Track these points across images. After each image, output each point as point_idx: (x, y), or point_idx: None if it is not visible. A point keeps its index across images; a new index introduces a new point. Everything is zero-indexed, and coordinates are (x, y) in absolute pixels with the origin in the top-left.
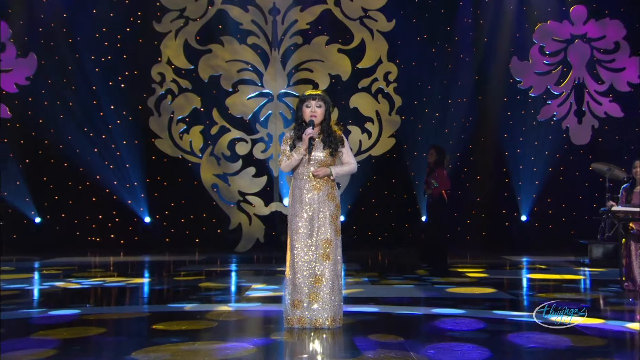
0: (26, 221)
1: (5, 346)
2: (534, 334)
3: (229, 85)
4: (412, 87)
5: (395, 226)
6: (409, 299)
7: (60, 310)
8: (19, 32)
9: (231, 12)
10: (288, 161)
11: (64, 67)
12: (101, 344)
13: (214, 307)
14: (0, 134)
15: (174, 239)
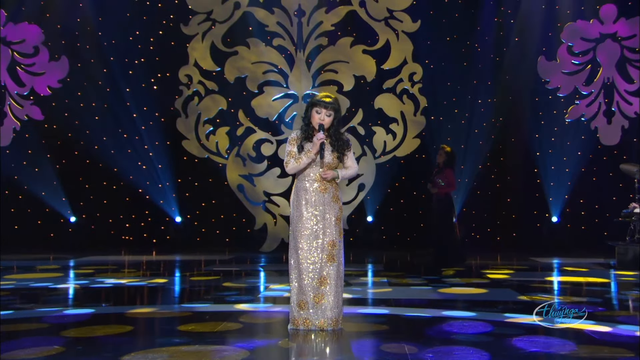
0: (62, 220)
1: (8, 345)
2: (540, 338)
3: (254, 87)
4: (440, 87)
5: (425, 227)
6: (423, 301)
7: (75, 310)
8: (53, 36)
9: (257, 14)
10: (296, 164)
11: (99, 70)
12: (103, 344)
13: (226, 308)
14: (33, 135)
15: (205, 239)
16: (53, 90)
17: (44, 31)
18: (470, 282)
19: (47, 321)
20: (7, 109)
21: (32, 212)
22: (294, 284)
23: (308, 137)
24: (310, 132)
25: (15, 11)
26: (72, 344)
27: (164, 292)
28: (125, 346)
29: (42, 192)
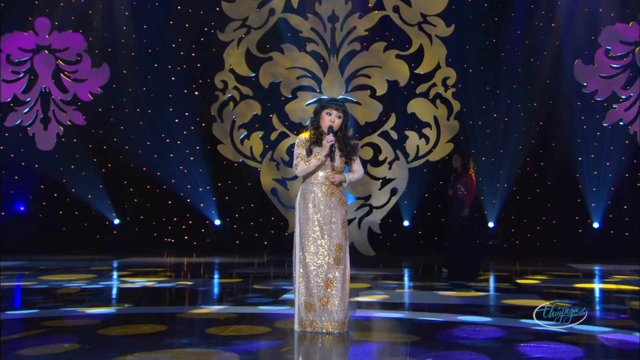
0: (107, 222)
1: (24, 342)
2: (549, 344)
3: (288, 92)
4: (478, 92)
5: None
6: (441, 306)
7: (97, 310)
8: (97, 43)
9: (291, 21)
10: (306, 166)
11: (142, 76)
12: (112, 344)
13: (242, 310)
14: (76, 140)
15: (244, 241)
16: (94, 96)
17: (87, 39)
18: (497, 287)
19: (67, 320)
20: (51, 115)
21: (79, 214)
22: (301, 286)
23: (317, 141)
24: (319, 136)
25: (59, 19)
26: (83, 343)
27: (190, 293)
28: (133, 346)
29: (88, 195)
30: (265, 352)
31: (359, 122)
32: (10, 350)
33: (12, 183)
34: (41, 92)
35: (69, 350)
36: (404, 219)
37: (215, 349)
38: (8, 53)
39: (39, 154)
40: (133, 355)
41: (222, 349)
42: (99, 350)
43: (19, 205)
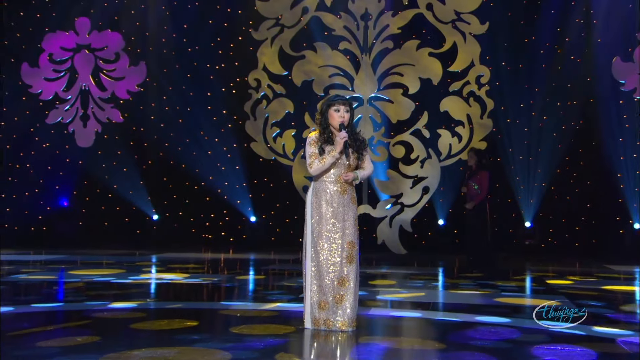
0: (147, 218)
1: (37, 336)
2: (563, 347)
3: (320, 90)
4: (516, 90)
5: (499, 231)
6: (463, 306)
7: (121, 304)
8: (134, 42)
9: (324, 19)
10: (320, 164)
11: (183, 75)
12: (124, 337)
13: (258, 306)
14: (115, 137)
15: (279, 238)
16: (132, 94)
17: (125, 38)
18: (525, 288)
19: (87, 315)
20: (90, 112)
21: (120, 210)
22: (313, 284)
23: (328, 140)
24: (329, 135)
25: (99, 19)
26: (96, 336)
27: (216, 289)
28: (143, 340)
29: (129, 191)
30: (269, 351)
31: (390, 120)
32: (30, 342)
33: (57, 179)
34: (81, 90)
35: (81, 343)
36: (438, 218)
37: (221, 346)
38: (50, 52)
39: (81, 151)
40: (141, 350)
41: (228, 346)
42: (110, 344)
43: (63, 200)
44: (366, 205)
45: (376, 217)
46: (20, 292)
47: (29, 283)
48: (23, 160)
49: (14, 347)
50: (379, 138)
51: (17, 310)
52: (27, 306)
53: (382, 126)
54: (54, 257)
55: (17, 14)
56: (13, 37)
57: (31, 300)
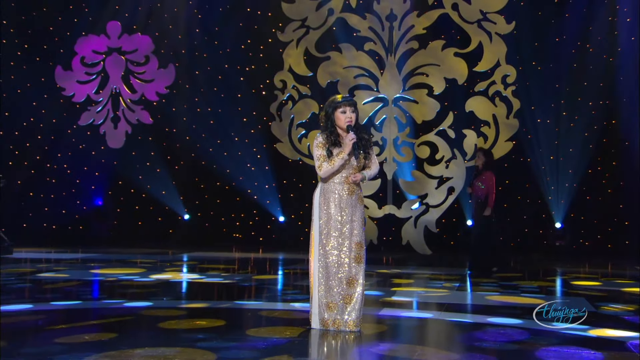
0: (180, 218)
1: (45, 334)
2: (570, 349)
3: (345, 91)
4: (546, 89)
5: (529, 232)
6: (479, 307)
7: (135, 302)
8: (163, 45)
9: (349, 20)
10: (330, 167)
11: (214, 77)
12: (129, 337)
13: (273, 306)
14: (145, 138)
15: (308, 238)
16: (160, 96)
17: (154, 41)
18: (547, 289)
19: (102, 313)
20: (121, 114)
21: (153, 209)
22: (321, 285)
23: (335, 142)
24: (336, 137)
25: (129, 22)
26: (103, 334)
27: (235, 288)
28: (147, 339)
29: (162, 192)
30: (276, 349)
31: (415, 121)
32: (34, 339)
33: (93, 179)
34: (112, 92)
35: (87, 341)
36: (467, 218)
37: (223, 346)
38: (82, 55)
39: (115, 152)
40: (143, 349)
41: (231, 346)
42: (114, 342)
43: (97, 200)
44: (391, 205)
45: (401, 218)
46: (44, 290)
47: (55, 281)
48: (60, 161)
49: (17, 344)
50: (404, 138)
51: (35, 308)
52: (46, 304)
53: (407, 126)
54: (88, 255)
55: (52, 19)
56: (48, 41)
57: (53, 298)
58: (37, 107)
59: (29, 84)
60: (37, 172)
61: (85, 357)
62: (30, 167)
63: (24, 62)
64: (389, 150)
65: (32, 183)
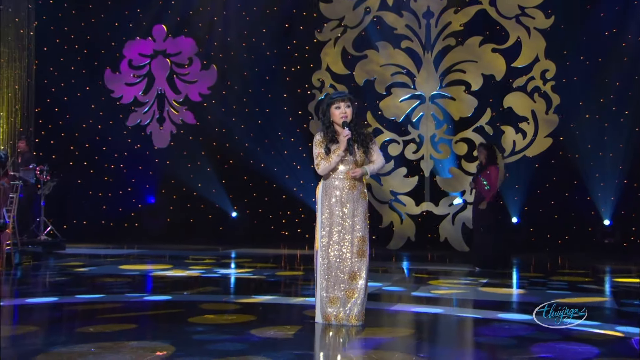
0: (229, 215)
1: (54, 327)
2: (568, 345)
3: (382, 89)
4: (595, 84)
5: (577, 229)
6: (496, 303)
7: (157, 296)
8: (208, 46)
9: (386, 19)
10: (327, 164)
11: (262, 77)
12: (132, 331)
13: (285, 300)
14: (190, 138)
15: None
16: (203, 97)
17: (198, 43)
18: (577, 287)
19: (119, 306)
20: (166, 115)
21: (204, 207)
22: (324, 280)
23: (332, 139)
24: (333, 133)
25: (173, 26)
26: (107, 327)
27: (260, 283)
28: (146, 332)
29: (212, 190)
30: (265, 344)
31: (453, 118)
32: (41, 333)
33: (147, 178)
34: (157, 93)
35: (91, 332)
36: (512, 216)
37: (219, 338)
38: (130, 58)
39: (167, 152)
40: (138, 341)
41: (226, 339)
42: (115, 336)
43: (150, 198)
44: (428, 202)
45: (439, 215)
46: (75, 284)
47: (90, 275)
48: (117, 160)
49: (20, 338)
50: (441, 135)
51: (60, 301)
52: (71, 297)
53: (444, 123)
54: (137, 251)
55: (107, 24)
56: (103, 46)
57: (79, 292)
58: (95, 109)
59: (88, 87)
60: (95, 172)
61: (77, 347)
62: (89, 166)
63: (83, 66)
64: (426, 147)
65: (91, 182)
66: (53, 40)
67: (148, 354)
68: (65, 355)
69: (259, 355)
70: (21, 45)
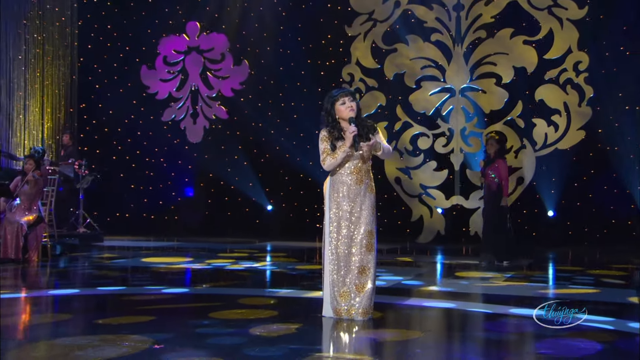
0: (265, 208)
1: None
2: (568, 340)
3: (412, 82)
4: (636, 75)
5: (616, 223)
6: (512, 297)
7: (172, 289)
8: (240, 42)
9: (416, 12)
10: (333, 160)
11: (297, 72)
12: (142, 324)
13: (301, 294)
14: (223, 133)
15: (387, 229)
16: (235, 92)
17: (230, 39)
18: (602, 282)
19: (135, 299)
20: (199, 110)
21: (241, 201)
22: (333, 274)
23: (338, 135)
24: (339, 131)
25: (206, 22)
26: (114, 319)
27: (274, 275)
28: (149, 325)
29: (249, 184)
30: (265, 339)
31: (483, 111)
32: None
33: (185, 172)
34: (191, 89)
35: (97, 324)
36: (547, 209)
37: (223, 332)
38: (165, 55)
39: (204, 146)
40: (140, 335)
41: (228, 332)
42: (119, 327)
43: (189, 191)
44: (458, 196)
45: (469, 208)
46: (102, 276)
47: (120, 267)
48: (158, 155)
49: (30, 329)
50: (472, 129)
51: (81, 293)
52: (93, 289)
53: (475, 117)
54: (178, 244)
55: (138, 21)
56: (139, 42)
57: (103, 284)
58: (136, 105)
59: (129, 83)
60: (137, 166)
61: (78, 337)
62: (131, 161)
63: (125, 63)
64: (456, 140)
65: (133, 176)
66: (97, 38)
67: (145, 346)
68: (64, 347)
69: (253, 349)
70: (67, 44)
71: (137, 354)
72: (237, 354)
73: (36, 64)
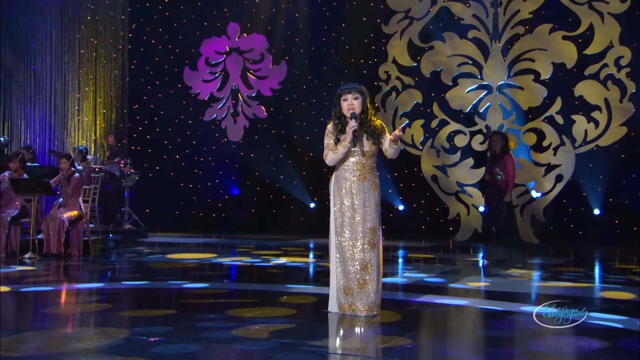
0: (307, 206)
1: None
2: (569, 338)
3: (449, 80)
4: None
5: None
6: (525, 295)
7: (194, 284)
8: (279, 42)
9: (453, 9)
10: (334, 155)
11: (340, 70)
12: (153, 317)
13: (318, 290)
14: (262, 132)
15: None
16: (274, 92)
17: (269, 39)
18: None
19: (156, 293)
20: (240, 109)
21: (285, 198)
22: (338, 270)
23: (342, 129)
24: (343, 126)
25: (247, 23)
26: (124, 312)
27: (294, 272)
28: (155, 319)
29: (293, 182)
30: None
31: (522, 107)
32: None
33: (232, 170)
34: (232, 89)
35: (101, 309)
36: (594, 207)
37: (222, 326)
38: (207, 56)
39: (250, 145)
40: (143, 328)
41: (228, 326)
42: (129, 321)
43: (234, 190)
44: None
45: None
46: (134, 270)
47: (150, 261)
48: (206, 154)
49: (29, 319)
50: (509, 126)
51: (105, 286)
52: (117, 283)
53: (513, 113)
54: (224, 241)
55: (186, 23)
56: (187, 45)
57: (130, 278)
58: (186, 105)
59: (179, 84)
60: (186, 164)
61: (77, 328)
62: (181, 160)
63: (175, 65)
64: None
65: (183, 174)
66: (149, 41)
67: (142, 340)
68: (61, 339)
69: (244, 344)
70: (120, 47)
71: (122, 343)
72: (225, 347)
73: (90, 67)
